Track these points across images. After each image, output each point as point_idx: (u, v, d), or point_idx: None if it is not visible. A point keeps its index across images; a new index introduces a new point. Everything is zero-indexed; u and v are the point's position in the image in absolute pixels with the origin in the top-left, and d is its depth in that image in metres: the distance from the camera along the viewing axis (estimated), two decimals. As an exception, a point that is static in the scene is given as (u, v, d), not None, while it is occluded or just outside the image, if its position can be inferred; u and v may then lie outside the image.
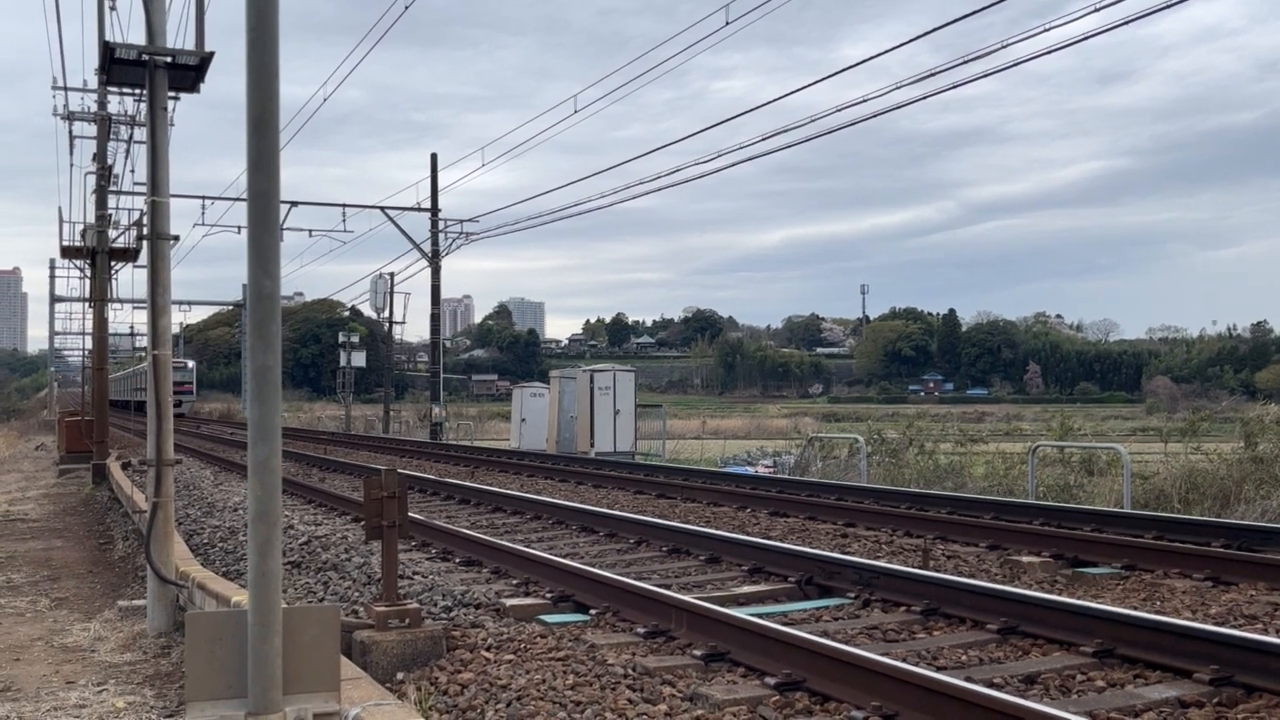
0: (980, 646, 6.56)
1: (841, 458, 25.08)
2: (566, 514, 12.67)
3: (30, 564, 13.00)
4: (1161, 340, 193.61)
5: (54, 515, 18.92)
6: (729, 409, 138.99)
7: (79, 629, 9.00)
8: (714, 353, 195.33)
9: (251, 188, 4.13)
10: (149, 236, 9.20)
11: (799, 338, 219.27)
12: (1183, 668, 5.79)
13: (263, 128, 4.09)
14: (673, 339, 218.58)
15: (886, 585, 7.88)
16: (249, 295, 4.21)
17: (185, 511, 14.58)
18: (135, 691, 6.90)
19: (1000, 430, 43.82)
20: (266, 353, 4.15)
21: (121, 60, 8.83)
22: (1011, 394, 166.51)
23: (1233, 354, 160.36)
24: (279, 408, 4.17)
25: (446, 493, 15.98)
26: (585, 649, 6.54)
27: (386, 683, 5.90)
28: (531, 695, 5.64)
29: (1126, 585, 8.58)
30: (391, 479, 6.75)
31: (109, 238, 25.46)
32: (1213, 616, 7.29)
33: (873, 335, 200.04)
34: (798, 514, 12.89)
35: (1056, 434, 25.57)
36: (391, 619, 6.49)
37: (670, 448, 33.39)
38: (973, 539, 10.54)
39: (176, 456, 9.09)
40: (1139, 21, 13.27)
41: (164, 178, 8.96)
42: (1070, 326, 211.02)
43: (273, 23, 4.07)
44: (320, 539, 11.21)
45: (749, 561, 9.18)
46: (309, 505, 15.08)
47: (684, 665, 6.15)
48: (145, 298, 9.71)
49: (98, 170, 24.78)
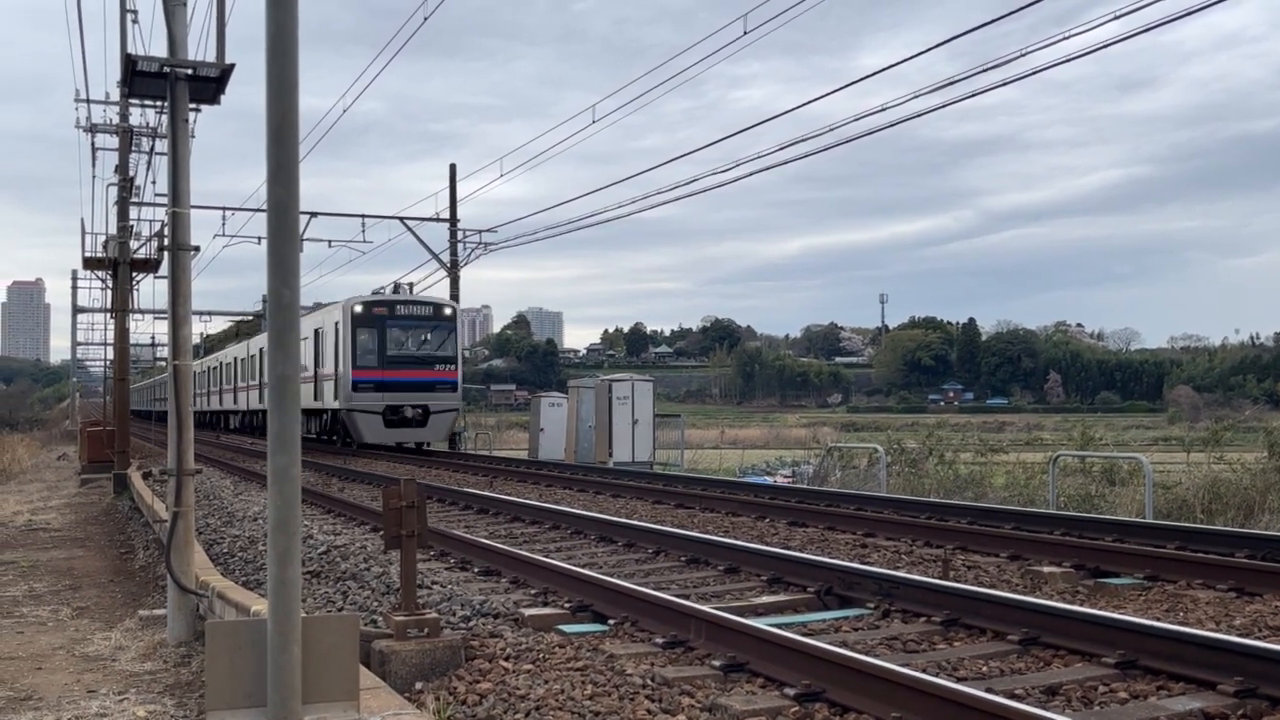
0: (1001, 657, 6.52)
1: (861, 468, 24.99)
2: (585, 524, 12.66)
3: (52, 573, 13.07)
4: (1183, 349, 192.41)
5: (76, 525, 19.03)
6: (747, 418, 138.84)
7: (100, 638, 9.04)
8: (732, 362, 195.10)
9: (271, 198, 4.15)
10: (170, 247, 9.26)
11: (818, 347, 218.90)
12: (1207, 679, 5.73)
13: (282, 138, 4.10)
14: (691, 348, 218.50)
15: (906, 596, 7.83)
16: (269, 305, 4.23)
17: (205, 521, 14.64)
18: (156, 700, 6.92)
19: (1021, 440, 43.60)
20: (286, 362, 4.17)
21: (143, 73, 8.90)
22: (1032, 403, 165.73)
23: (1255, 363, 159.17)
24: (299, 417, 4.18)
25: (465, 502, 15.99)
26: (604, 659, 6.53)
27: (405, 692, 5.90)
28: (550, 705, 5.63)
29: (1149, 596, 8.51)
30: (410, 489, 6.76)
31: (130, 249, 25.67)
32: (1237, 628, 7.22)
33: (892, 344, 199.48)
34: (817, 524, 12.85)
35: (1077, 444, 25.41)
36: (410, 628, 6.50)
37: (689, 457, 33.33)
38: (993, 549, 10.47)
39: (197, 466, 9.13)
40: (1160, 28, 13.20)
41: (185, 189, 9.01)
42: (1091, 335, 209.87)
43: (292, 34, 4.09)
44: (339, 548, 11.23)
45: (768, 571, 9.15)
46: (328, 515, 15.12)
47: (703, 675, 6.13)
48: (166, 308, 9.77)
49: (119, 182, 24.96)
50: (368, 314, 30.47)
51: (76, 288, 56.68)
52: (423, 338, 31.47)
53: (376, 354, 30.32)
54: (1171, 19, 12.44)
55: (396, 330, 30.91)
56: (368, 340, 30.40)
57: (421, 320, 31.40)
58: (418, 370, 30.78)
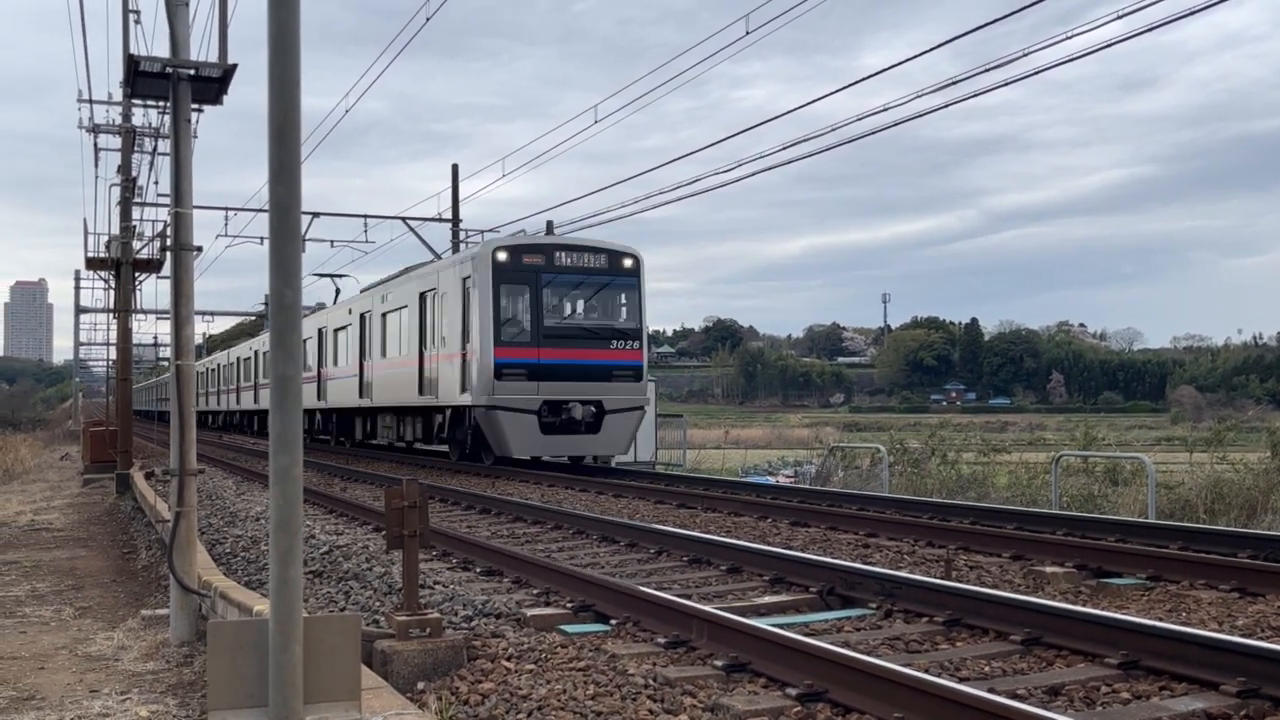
0: (1004, 657, 6.51)
1: (863, 468, 25.01)
2: (587, 524, 12.66)
3: (55, 573, 13.08)
4: (1186, 349, 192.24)
5: (78, 525, 19.05)
6: (750, 418, 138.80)
7: (102, 638, 9.05)
8: (735, 362, 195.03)
9: (273, 198, 4.15)
10: (173, 248, 9.28)
11: (820, 347, 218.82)
12: (1209, 680, 5.72)
13: (284, 138, 4.10)
14: (693, 348, 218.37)
15: (909, 596, 7.83)
16: (271, 305, 4.23)
17: (208, 521, 14.65)
18: (158, 700, 6.93)
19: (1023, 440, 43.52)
20: (288, 362, 4.17)
21: (146, 73, 8.91)
22: (1034, 403, 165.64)
23: (1258, 363, 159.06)
24: (300, 417, 4.18)
25: (467, 503, 15.99)
26: (606, 659, 6.53)
27: (407, 692, 5.90)
28: (552, 705, 5.63)
29: (1151, 596, 8.50)
30: (412, 489, 6.77)
31: (133, 249, 25.71)
32: (1239, 628, 7.21)
33: (894, 344, 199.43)
34: (819, 524, 12.84)
35: (1080, 444, 25.40)
36: (412, 628, 6.50)
37: (691, 457, 33.31)
38: (996, 549, 10.46)
39: (199, 466, 9.14)
40: (1162, 28, 13.18)
41: (187, 189, 9.02)
42: (1094, 335, 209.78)
43: (294, 33, 4.09)
44: (341, 548, 11.23)
45: (770, 572, 9.14)
46: (330, 515, 15.13)
47: (705, 676, 6.13)
48: (169, 308, 9.78)
49: (122, 182, 25.01)
50: (515, 264, 21.05)
51: (79, 288, 56.82)
52: (592, 302, 22.24)
53: (530, 325, 21.00)
54: (1174, 19, 12.43)
55: (557, 290, 21.63)
56: (516, 304, 21.35)
57: (593, 275, 21.83)
58: (589, 349, 21.42)
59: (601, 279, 21.86)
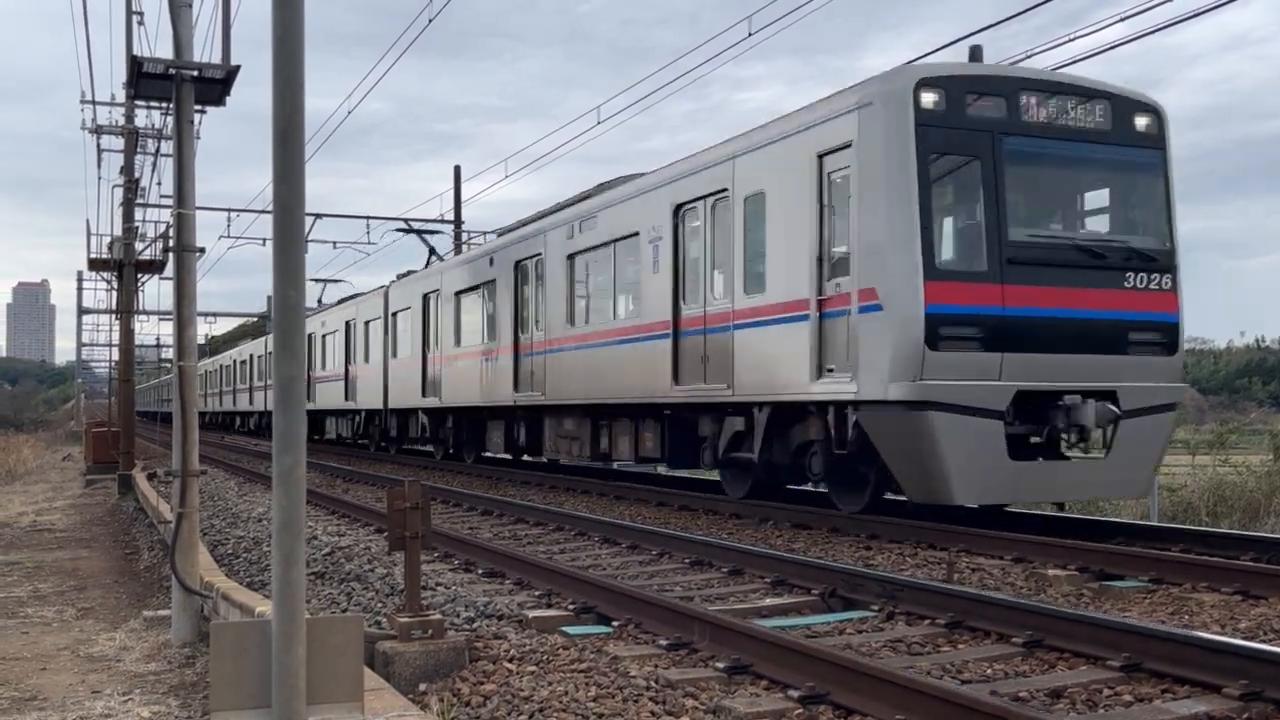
0: (1005, 660, 6.51)
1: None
2: (589, 526, 12.66)
3: (57, 574, 13.09)
4: (1188, 351, 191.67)
5: (80, 525, 19.06)
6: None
7: (104, 639, 9.05)
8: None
9: (277, 199, 4.16)
10: (175, 249, 9.28)
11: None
12: (1212, 682, 5.72)
13: (288, 139, 4.11)
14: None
15: (911, 598, 7.82)
16: (274, 307, 4.23)
17: (210, 522, 14.66)
18: (160, 701, 6.93)
19: (1025, 442, 43.42)
20: (291, 363, 4.17)
21: (149, 74, 8.92)
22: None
23: (1261, 365, 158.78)
24: (304, 418, 4.18)
25: (469, 504, 16.00)
26: (608, 661, 6.53)
27: (409, 693, 5.90)
28: (554, 707, 5.63)
29: (1154, 599, 8.49)
30: (414, 490, 6.77)
31: (135, 250, 25.73)
32: (1242, 631, 7.21)
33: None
34: (821, 526, 12.83)
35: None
36: (414, 630, 6.50)
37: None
38: (998, 552, 10.45)
39: (202, 467, 9.14)
40: (1166, 30, 13.15)
41: (190, 190, 9.03)
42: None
43: (298, 34, 4.10)
44: (344, 550, 11.24)
45: (772, 574, 9.14)
46: (333, 516, 15.14)
47: (707, 678, 6.13)
48: (171, 309, 9.79)
49: (125, 183, 25.05)
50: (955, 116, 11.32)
51: (82, 289, 56.78)
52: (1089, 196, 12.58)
53: (986, 240, 11.39)
54: (1178, 20, 12.42)
55: (1030, 169, 11.83)
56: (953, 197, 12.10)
57: (1088, 142, 11.99)
58: (1092, 288, 11.71)
59: (1103, 152, 12.18)
